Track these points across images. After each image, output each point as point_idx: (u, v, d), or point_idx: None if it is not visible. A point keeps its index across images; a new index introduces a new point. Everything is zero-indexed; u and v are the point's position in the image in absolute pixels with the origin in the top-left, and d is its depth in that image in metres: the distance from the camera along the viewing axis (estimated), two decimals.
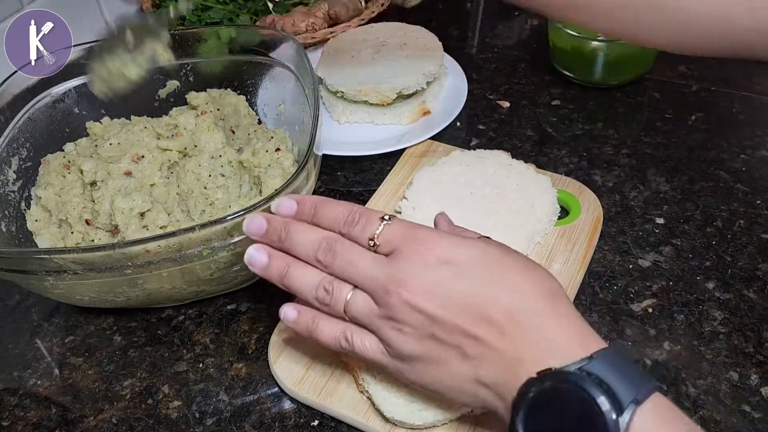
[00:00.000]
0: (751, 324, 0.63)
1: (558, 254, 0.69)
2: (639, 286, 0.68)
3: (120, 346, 0.67)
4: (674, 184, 0.78)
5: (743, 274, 0.68)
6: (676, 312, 0.65)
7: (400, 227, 0.48)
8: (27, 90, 0.76)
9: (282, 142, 0.75)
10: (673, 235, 0.73)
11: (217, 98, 0.81)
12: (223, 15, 1.05)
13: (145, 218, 0.69)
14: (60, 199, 0.72)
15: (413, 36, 0.96)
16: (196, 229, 0.55)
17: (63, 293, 0.63)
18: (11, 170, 0.73)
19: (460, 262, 0.45)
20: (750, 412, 0.57)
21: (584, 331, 0.44)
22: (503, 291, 0.44)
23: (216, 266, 0.61)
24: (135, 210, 0.67)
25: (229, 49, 0.81)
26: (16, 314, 0.72)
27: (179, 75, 0.83)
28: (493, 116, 0.92)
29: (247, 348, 0.66)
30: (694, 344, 0.62)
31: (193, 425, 0.60)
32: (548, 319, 0.43)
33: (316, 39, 1.02)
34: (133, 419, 0.61)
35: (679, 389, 0.59)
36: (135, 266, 0.57)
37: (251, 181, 0.74)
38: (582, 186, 0.76)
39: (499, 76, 1.00)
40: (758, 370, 0.59)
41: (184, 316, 0.69)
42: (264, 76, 0.82)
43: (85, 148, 0.78)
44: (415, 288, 0.45)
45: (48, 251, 0.63)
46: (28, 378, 0.65)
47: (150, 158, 0.73)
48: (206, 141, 0.75)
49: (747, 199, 0.76)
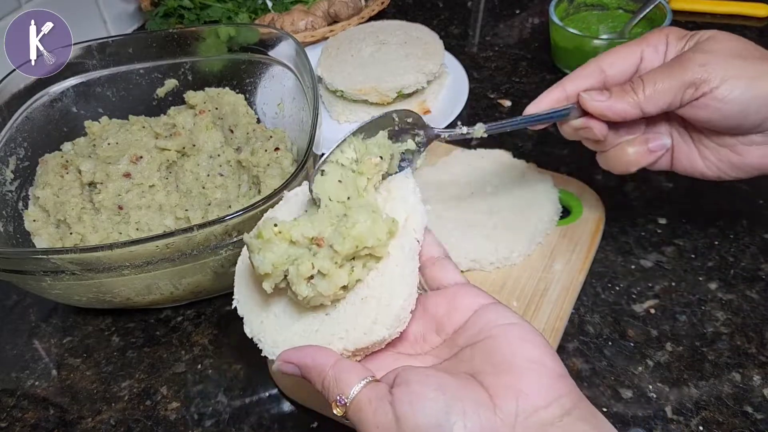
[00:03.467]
0: (754, 324, 0.63)
1: (559, 254, 0.68)
2: (641, 286, 0.67)
3: (118, 347, 0.67)
4: (676, 183, 0.78)
5: (746, 274, 0.67)
6: (678, 312, 0.64)
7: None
8: (25, 89, 0.76)
9: (281, 141, 0.74)
10: (676, 235, 0.72)
11: (216, 97, 0.81)
12: (222, 13, 1.04)
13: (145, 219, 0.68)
14: (58, 200, 0.72)
15: (414, 34, 0.96)
16: (195, 229, 0.55)
17: (61, 293, 0.62)
18: (9, 170, 0.73)
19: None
20: (752, 413, 0.56)
21: None
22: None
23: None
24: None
25: (228, 47, 0.80)
26: (14, 315, 0.72)
27: (177, 74, 0.82)
28: (494, 115, 0.92)
29: (246, 349, 0.65)
30: (696, 345, 0.62)
31: (192, 427, 0.59)
32: None
33: (316, 37, 1.01)
34: (132, 420, 0.60)
35: (681, 390, 0.58)
36: (133, 266, 0.57)
37: (250, 180, 0.73)
38: (584, 186, 0.75)
39: (500, 74, 0.99)
40: (760, 371, 0.59)
41: (182, 316, 0.69)
42: (263, 75, 0.81)
43: (84, 148, 0.77)
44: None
45: (46, 251, 0.63)
46: (26, 379, 0.65)
47: (149, 158, 0.73)
48: (205, 140, 0.75)
49: (749, 198, 0.75)
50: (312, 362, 0.42)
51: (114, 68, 0.80)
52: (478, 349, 0.41)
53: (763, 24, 1.04)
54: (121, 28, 1.14)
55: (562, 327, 0.63)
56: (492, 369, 0.39)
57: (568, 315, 0.64)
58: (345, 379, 0.41)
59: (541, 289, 0.65)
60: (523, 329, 0.41)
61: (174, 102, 0.82)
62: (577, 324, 0.64)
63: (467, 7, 1.17)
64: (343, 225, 0.43)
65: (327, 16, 1.05)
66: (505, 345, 0.40)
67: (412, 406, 0.37)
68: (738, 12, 1.04)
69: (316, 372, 0.42)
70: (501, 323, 0.42)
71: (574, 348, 0.62)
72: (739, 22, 1.04)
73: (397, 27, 0.98)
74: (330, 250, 0.43)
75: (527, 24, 1.11)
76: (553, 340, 0.61)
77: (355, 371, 0.41)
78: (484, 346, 0.41)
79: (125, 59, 0.80)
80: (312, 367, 0.42)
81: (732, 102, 0.50)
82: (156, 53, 0.81)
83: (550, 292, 0.65)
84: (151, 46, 0.80)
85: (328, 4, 1.04)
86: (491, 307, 0.43)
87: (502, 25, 1.11)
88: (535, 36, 1.07)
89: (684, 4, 1.05)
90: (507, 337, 0.41)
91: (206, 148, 0.74)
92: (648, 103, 0.51)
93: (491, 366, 0.39)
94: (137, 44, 0.80)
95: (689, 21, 1.04)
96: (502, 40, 1.07)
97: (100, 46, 0.79)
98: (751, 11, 1.04)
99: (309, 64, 0.71)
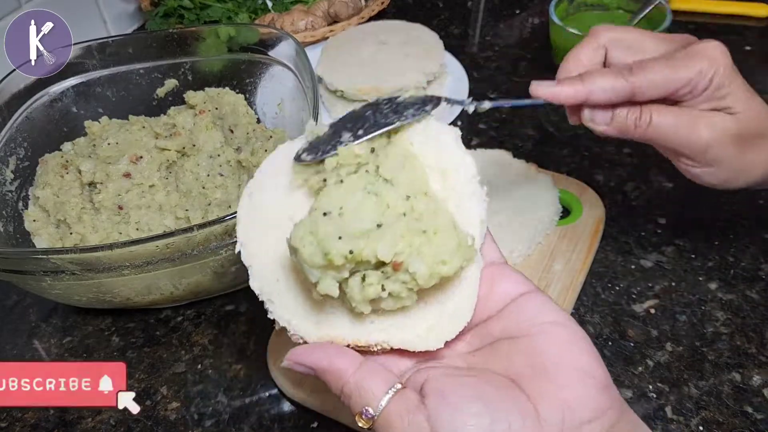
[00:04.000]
0: (754, 324, 0.63)
1: (559, 254, 0.68)
2: (641, 286, 0.67)
3: (118, 347, 0.67)
4: (676, 183, 0.78)
5: (746, 274, 0.67)
6: (678, 312, 0.64)
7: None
8: (25, 89, 0.75)
9: (281, 141, 0.74)
10: (676, 235, 0.72)
11: (216, 97, 0.80)
12: (222, 13, 1.04)
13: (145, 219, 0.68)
14: (58, 200, 0.72)
15: (414, 34, 0.96)
16: (195, 229, 0.55)
17: (61, 293, 0.62)
18: (9, 170, 0.73)
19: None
20: (752, 413, 0.56)
21: None
22: None
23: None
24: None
25: (228, 47, 0.80)
26: (14, 315, 0.72)
27: (177, 74, 0.82)
28: (493, 116, 0.92)
29: (246, 349, 0.65)
30: (696, 345, 0.62)
31: (192, 426, 0.59)
32: None
33: (316, 37, 1.01)
34: (131, 420, 0.60)
35: (681, 390, 0.58)
36: (133, 266, 0.57)
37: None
38: (584, 186, 0.75)
39: (500, 74, 0.99)
40: (760, 371, 0.59)
41: (182, 317, 0.69)
42: (263, 74, 0.81)
43: (84, 148, 0.77)
44: None
45: (46, 251, 0.63)
46: None
47: (149, 158, 0.73)
48: (205, 140, 0.75)
49: (750, 198, 0.75)
50: (329, 366, 0.38)
51: (114, 68, 0.80)
52: (518, 347, 0.37)
53: (763, 24, 1.04)
54: (121, 28, 1.14)
55: None
56: (535, 374, 0.36)
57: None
58: (369, 387, 0.36)
59: (541, 288, 0.65)
60: (570, 331, 0.37)
61: (174, 102, 0.82)
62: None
63: (467, 7, 1.17)
64: (426, 248, 0.36)
65: (327, 16, 1.05)
66: (550, 348, 0.37)
67: (453, 422, 0.34)
68: (738, 12, 1.04)
69: (334, 378, 0.38)
70: (546, 320, 0.38)
71: None
72: (739, 22, 1.04)
73: (397, 27, 0.98)
74: (407, 274, 0.36)
75: (527, 24, 1.11)
76: None
77: (380, 377, 0.37)
78: (526, 345, 0.37)
79: (125, 59, 0.80)
80: (330, 372, 0.38)
81: (704, 182, 0.52)
82: (156, 53, 0.81)
83: (550, 292, 0.65)
84: (151, 46, 0.80)
85: (328, 4, 1.04)
86: (533, 297, 0.39)
87: (502, 25, 1.11)
88: (535, 36, 1.07)
89: (684, 4, 1.05)
90: (553, 338, 0.37)
91: (206, 148, 0.74)
92: (639, 138, 0.50)
93: (534, 370, 0.36)
94: (137, 44, 0.80)
95: (689, 21, 1.04)
96: (502, 40, 1.07)
97: (100, 46, 0.79)
98: (751, 11, 1.04)
99: (309, 64, 0.71)
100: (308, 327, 0.39)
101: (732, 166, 0.50)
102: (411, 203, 0.37)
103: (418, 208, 0.37)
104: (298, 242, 0.35)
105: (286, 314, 0.39)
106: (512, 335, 0.38)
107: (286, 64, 0.77)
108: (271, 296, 0.39)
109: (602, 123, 0.50)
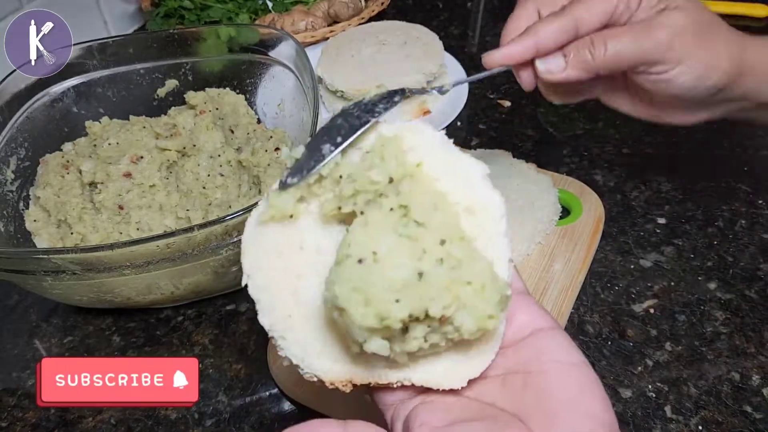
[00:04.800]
0: (753, 324, 0.63)
1: (559, 254, 0.68)
2: (640, 286, 0.67)
3: (119, 346, 0.67)
4: (676, 183, 0.78)
5: (745, 274, 0.68)
6: (678, 312, 0.65)
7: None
8: (25, 89, 0.76)
9: (281, 141, 0.75)
10: (675, 235, 0.72)
11: (216, 97, 0.81)
12: (223, 14, 1.04)
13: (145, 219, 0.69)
14: (59, 200, 0.72)
15: (414, 35, 0.96)
16: (196, 229, 0.55)
17: (62, 293, 0.62)
18: (9, 170, 0.73)
19: None
20: (751, 412, 0.56)
21: None
22: None
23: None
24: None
25: (229, 48, 0.81)
26: (15, 315, 0.72)
27: (178, 74, 0.82)
28: (493, 116, 0.92)
29: (247, 349, 0.66)
30: (695, 345, 0.62)
31: (192, 426, 0.59)
32: None
33: (316, 38, 1.01)
34: (132, 420, 0.60)
35: (681, 390, 0.58)
36: (134, 266, 0.57)
37: (250, 180, 0.73)
38: (583, 186, 0.75)
39: (499, 75, 0.99)
40: (760, 370, 0.59)
41: (183, 316, 0.69)
42: (263, 75, 0.81)
43: (84, 148, 0.77)
44: None
45: (47, 251, 0.63)
46: (26, 378, 0.65)
47: (149, 159, 0.73)
48: (205, 140, 0.75)
49: (748, 198, 0.75)
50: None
51: (114, 68, 0.81)
52: (530, 383, 0.36)
53: (763, 24, 1.04)
54: (121, 29, 1.14)
55: (562, 327, 0.63)
56: (544, 415, 0.34)
57: (567, 315, 0.64)
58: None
59: (540, 288, 0.65)
60: (584, 374, 0.36)
61: (174, 102, 0.83)
62: (576, 324, 0.64)
63: (467, 8, 1.17)
64: (472, 301, 0.33)
65: (327, 17, 1.05)
66: (562, 389, 0.35)
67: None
68: (737, 12, 1.05)
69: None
70: (561, 359, 0.36)
71: None
72: (738, 22, 1.05)
73: (397, 27, 0.98)
74: (451, 326, 0.34)
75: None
76: None
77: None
78: (539, 383, 0.36)
79: (126, 59, 0.81)
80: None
81: (679, 86, 0.51)
82: (156, 53, 0.81)
83: (549, 292, 0.65)
84: (152, 47, 0.80)
85: (329, 4, 1.05)
86: (552, 334, 0.37)
87: (502, 25, 1.11)
88: None
89: None
90: (566, 380, 0.36)
91: (207, 149, 0.75)
92: (604, 67, 0.51)
93: (544, 411, 0.35)
94: (138, 44, 0.81)
95: None
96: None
97: (101, 46, 0.79)
98: (750, 11, 1.04)
99: (309, 64, 0.71)
100: (324, 365, 0.38)
101: (698, 58, 0.50)
102: (447, 248, 0.35)
103: (455, 253, 0.35)
104: (346, 302, 0.32)
105: (299, 352, 0.37)
106: (525, 370, 0.37)
107: (287, 64, 0.77)
108: (284, 333, 0.37)
109: (558, 68, 0.51)
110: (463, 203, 0.37)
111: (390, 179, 0.36)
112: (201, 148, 0.75)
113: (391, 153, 0.37)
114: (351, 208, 0.37)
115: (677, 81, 0.51)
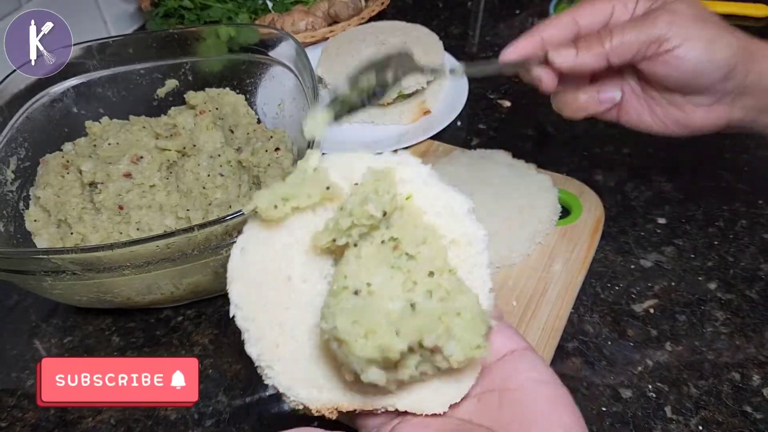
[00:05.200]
0: (753, 324, 0.63)
1: (559, 254, 0.68)
2: (640, 286, 0.67)
3: (118, 347, 0.67)
4: (676, 183, 0.78)
5: (745, 274, 0.68)
6: (678, 312, 0.65)
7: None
8: (25, 89, 0.76)
9: (281, 141, 0.75)
10: (675, 235, 0.72)
11: (216, 97, 0.81)
12: (223, 14, 1.04)
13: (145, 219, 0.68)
14: (59, 200, 0.72)
15: (413, 35, 0.96)
16: (196, 229, 0.55)
17: (61, 293, 0.62)
18: (9, 170, 0.73)
19: None
20: (752, 413, 0.56)
21: None
22: None
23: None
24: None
25: (229, 48, 0.80)
26: (14, 315, 0.72)
27: (178, 74, 0.82)
28: (493, 115, 0.92)
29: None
30: (695, 345, 0.62)
31: (192, 426, 0.59)
32: None
33: (316, 38, 1.01)
34: (132, 420, 0.60)
35: (681, 390, 0.58)
36: (134, 266, 0.57)
37: (250, 180, 0.73)
38: (583, 186, 0.75)
39: (499, 75, 0.99)
40: (760, 370, 0.59)
41: (182, 316, 0.69)
42: (263, 75, 0.81)
43: (84, 148, 0.77)
44: None
45: (46, 251, 0.63)
46: (26, 379, 0.65)
47: (149, 159, 0.73)
48: (205, 140, 0.75)
49: (749, 199, 0.75)
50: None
51: (114, 68, 0.81)
52: (505, 399, 0.38)
53: (762, 24, 1.04)
54: (121, 29, 1.14)
55: (562, 327, 0.63)
56: (520, 427, 0.36)
57: (567, 315, 0.64)
58: None
59: (540, 288, 0.65)
60: (556, 390, 0.38)
61: (174, 102, 0.83)
62: (576, 324, 0.64)
63: (467, 8, 1.17)
64: (460, 332, 0.34)
65: (327, 17, 1.05)
66: (537, 404, 0.37)
67: None
68: (737, 12, 1.05)
69: None
70: (533, 377, 0.38)
71: (573, 348, 0.62)
72: (737, 22, 1.04)
73: (397, 27, 0.98)
74: (440, 355, 0.35)
75: (527, 24, 1.11)
76: (552, 340, 0.61)
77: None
78: (513, 399, 0.38)
79: (126, 59, 0.81)
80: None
81: (689, 61, 0.53)
82: (156, 53, 0.81)
83: (549, 292, 0.65)
84: (152, 47, 0.80)
85: (329, 4, 1.05)
86: (524, 355, 0.40)
87: (502, 25, 1.11)
88: None
89: None
90: (539, 395, 0.38)
91: (207, 149, 0.75)
92: (614, 54, 0.54)
93: (519, 424, 0.37)
94: (137, 44, 0.81)
95: None
96: (502, 40, 1.07)
97: (101, 46, 0.79)
98: (750, 11, 1.04)
99: (309, 64, 0.71)
100: (311, 394, 0.38)
101: (703, 33, 0.53)
102: (436, 280, 0.36)
103: (444, 285, 0.36)
104: (346, 334, 0.33)
105: (286, 381, 0.38)
106: (501, 388, 0.39)
107: (287, 64, 0.77)
108: (271, 363, 0.38)
109: (570, 55, 0.54)
110: (449, 236, 0.38)
111: (383, 212, 0.37)
112: (201, 148, 0.75)
113: (384, 187, 0.37)
114: (346, 240, 0.37)
115: (687, 56, 0.53)
